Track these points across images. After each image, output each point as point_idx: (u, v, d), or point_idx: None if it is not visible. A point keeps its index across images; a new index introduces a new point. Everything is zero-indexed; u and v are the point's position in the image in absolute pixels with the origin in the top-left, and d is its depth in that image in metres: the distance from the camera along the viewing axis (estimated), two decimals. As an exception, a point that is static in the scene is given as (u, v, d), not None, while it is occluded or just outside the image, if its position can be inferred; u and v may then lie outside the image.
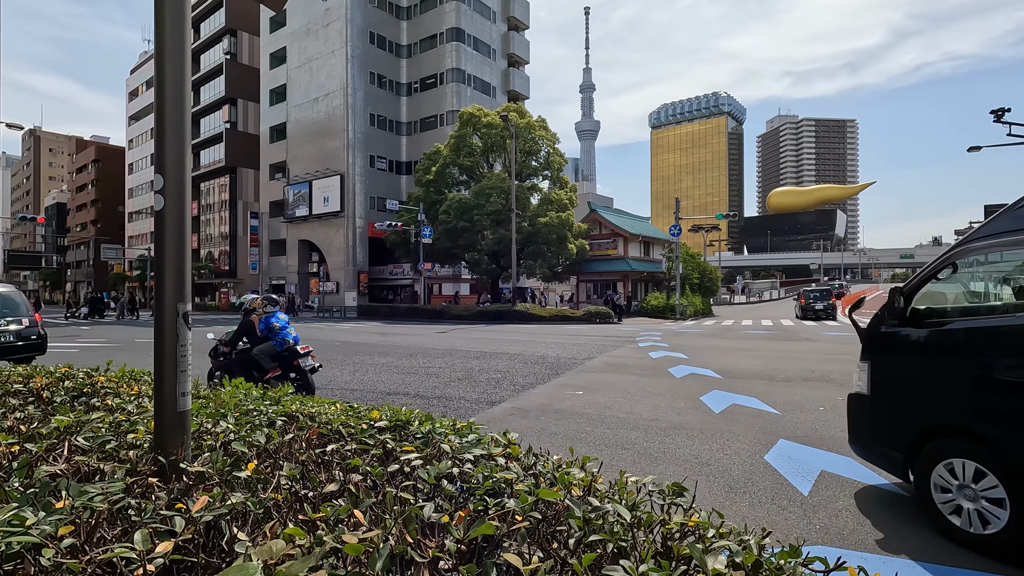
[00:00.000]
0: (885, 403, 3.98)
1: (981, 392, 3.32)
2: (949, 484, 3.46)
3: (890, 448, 3.90)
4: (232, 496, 1.27)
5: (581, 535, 1.14)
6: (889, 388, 3.98)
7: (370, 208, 44.94)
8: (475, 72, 46.95)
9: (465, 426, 2.26)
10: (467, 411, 7.08)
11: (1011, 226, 3.48)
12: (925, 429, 3.65)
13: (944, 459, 3.51)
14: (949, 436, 3.52)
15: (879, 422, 4.04)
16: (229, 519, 1.20)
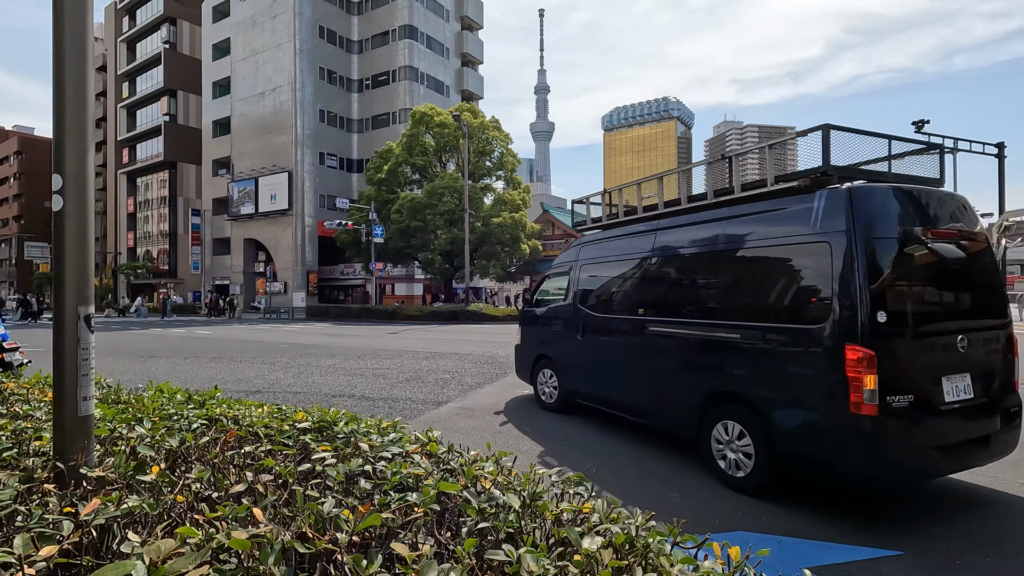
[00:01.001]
0: (523, 347, 7.94)
1: (549, 337, 7.29)
2: (545, 381, 7.32)
3: (526, 370, 7.76)
4: (130, 500, 1.27)
5: (473, 523, 1.21)
6: (524, 339, 7.97)
7: (320, 206, 43.89)
8: (428, 70, 46.60)
9: (390, 425, 2.29)
10: (413, 412, 7.07)
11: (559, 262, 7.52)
12: (536, 356, 7.55)
13: (541, 369, 7.41)
14: (544, 358, 7.39)
15: (523, 357, 7.93)
16: (123, 522, 1.19)
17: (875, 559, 3.10)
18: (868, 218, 3.84)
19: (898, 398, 3.59)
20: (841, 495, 4.05)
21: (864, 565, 3.04)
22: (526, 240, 35.04)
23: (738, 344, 4.44)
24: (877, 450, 3.54)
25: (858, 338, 3.61)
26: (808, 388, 3.92)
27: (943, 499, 4.00)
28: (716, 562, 1.11)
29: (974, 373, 3.92)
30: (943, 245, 3.88)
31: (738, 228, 4.78)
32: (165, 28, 54.14)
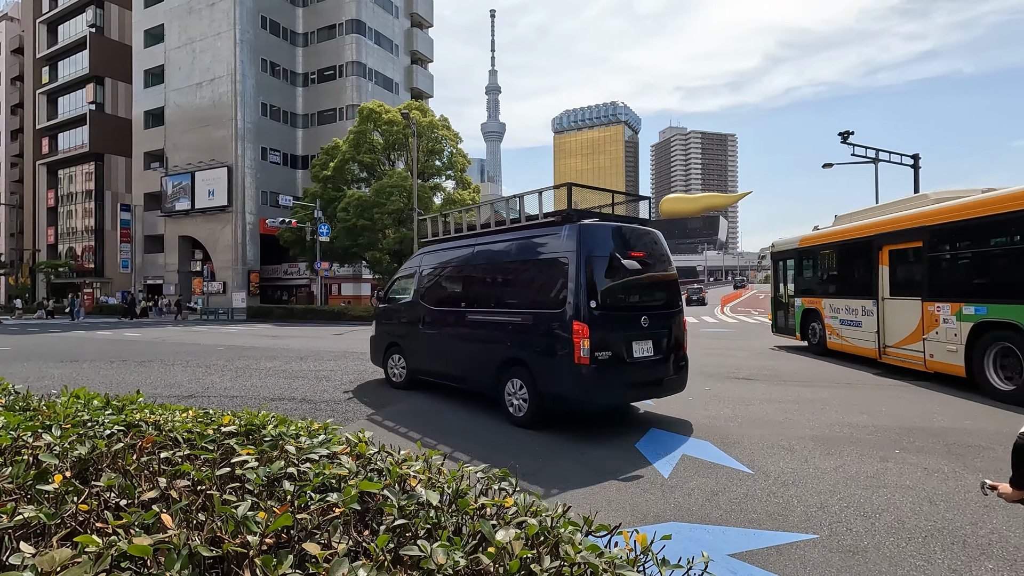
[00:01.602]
0: (377, 337, 9.25)
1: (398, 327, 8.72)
2: (395, 364, 8.77)
3: (379, 356, 9.14)
4: (25, 510, 1.20)
5: (391, 521, 1.22)
6: (377, 331, 9.26)
7: (262, 203, 42.29)
8: (376, 67, 45.77)
9: (320, 428, 2.26)
10: (356, 413, 6.94)
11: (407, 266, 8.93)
12: (387, 344, 8.94)
13: (392, 355, 8.85)
14: (394, 345, 8.77)
15: (377, 346, 9.25)
16: (16, 534, 1.13)
17: (793, 543, 3.30)
18: (589, 243, 6.00)
19: (602, 354, 5.76)
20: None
21: (783, 548, 3.23)
22: (476, 240, 34.97)
23: (519, 324, 6.49)
24: (590, 387, 5.72)
25: (581, 317, 5.75)
26: (554, 350, 5.94)
27: (852, 485, 4.30)
28: (624, 548, 1.17)
29: (654, 340, 6.24)
30: (631, 261, 6.16)
31: (521, 245, 6.84)
32: (91, 11, 50.77)
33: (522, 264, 6.75)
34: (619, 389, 6.03)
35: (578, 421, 6.41)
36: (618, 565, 1.04)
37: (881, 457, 4.97)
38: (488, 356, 6.80)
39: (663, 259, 6.74)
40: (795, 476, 4.51)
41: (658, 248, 6.73)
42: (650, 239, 6.67)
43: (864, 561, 3.07)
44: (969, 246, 8.49)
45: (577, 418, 6.48)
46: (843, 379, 9.32)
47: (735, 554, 3.16)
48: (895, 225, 10.02)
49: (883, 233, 10.30)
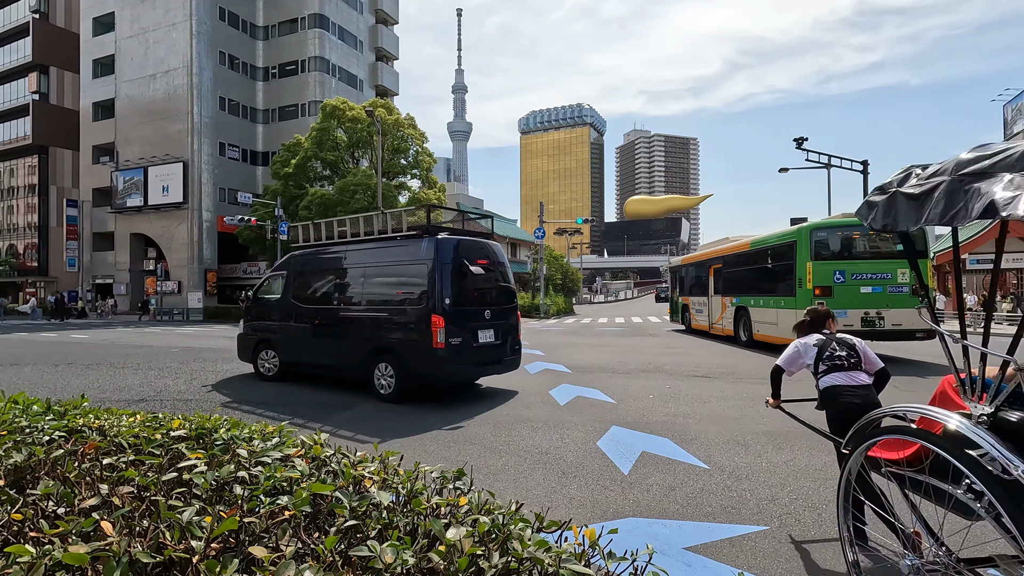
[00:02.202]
0: (246, 334, 9.85)
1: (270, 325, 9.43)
2: (267, 359, 9.46)
3: (249, 353, 9.80)
4: (-48, 521, 1.15)
5: (343, 522, 1.22)
6: (247, 328, 9.87)
7: (220, 200, 40.99)
8: (340, 63, 44.98)
9: (275, 430, 2.22)
10: (316, 416, 6.82)
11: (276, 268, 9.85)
12: (258, 341, 9.57)
13: (263, 350, 9.53)
14: (265, 342, 9.45)
15: (246, 343, 9.84)
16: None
17: (745, 535, 3.42)
18: (444, 253, 7.53)
19: (454, 340, 7.33)
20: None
21: (735, 540, 3.34)
22: (442, 240, 34.80)
23: (387, 318, 7.91)
24: (446, 366, 7.32)
25: (438, 312, 7.29)
26: (417, 338, 7.39)
27: (801, 478, 4.48)
28: (573, 544, 1.20)
29: (495, 329, 8.05)
30: (477, 267, 7.79)
31: (388, 253, 8.22)
32: (34, -5, 48.17)
33: (389, 269, 8.19)
34: (468, 367, 7.84)
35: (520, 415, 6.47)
36: (564, 559, 1.07)
37: (829, 451, 5.18)
38: (360, 346, 8.06)
39: (502, 266, 8.59)
40: (748, 470, 4.66)
41: (498, 257, 8.51)
42: (491, 250, 8.43)
43: (812, 551, 3.20)
44: (732, 268, 15.84)
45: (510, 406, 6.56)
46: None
47: (690, 547, 3.25)
48: (713, 255, 17.60)
49: (709, 259, 17.88)
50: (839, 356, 3.58)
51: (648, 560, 1.14)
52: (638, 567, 1.14)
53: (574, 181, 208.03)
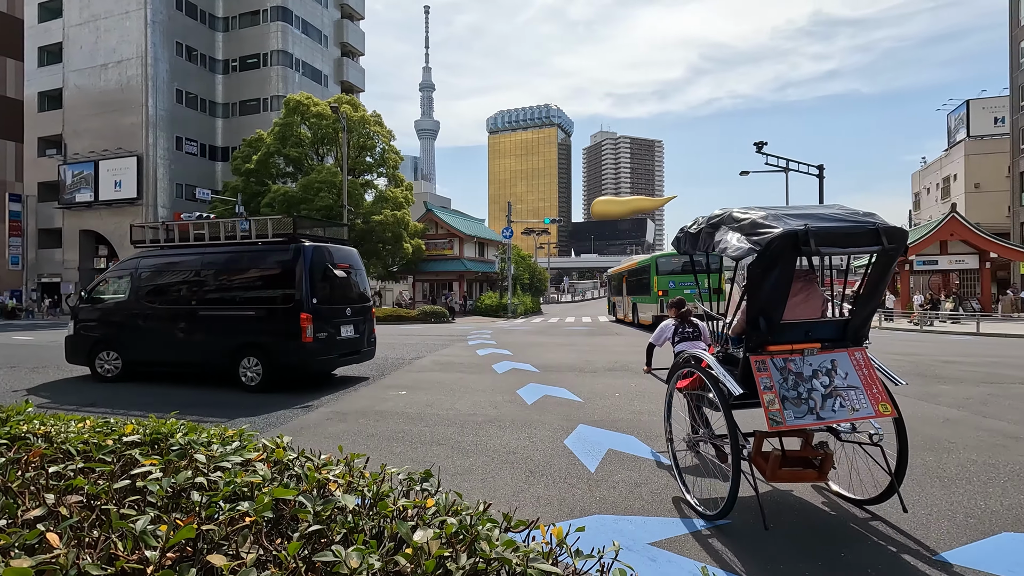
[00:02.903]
0: (78, 336, 9.73)
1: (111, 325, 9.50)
2: (107, 360, 9.46)
3: (83, 355, 9.56)
4: None
5: (306, 527, 1.19)
6: (79, 330, 9.74)
7: (176, 196, 39.60)
8: (304, 57, 44.02)
9: (235, 434, 2.16)
10: (279, 419, 6.66)
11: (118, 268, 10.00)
12: (94, 342, 9.51)
13: (101, 351, 9.41)
14: (103, 342, 9.44)
15: (79, 344, 9.67)
16: None
17: (707, 528, 3.50)
18: (310, 258, 8.47)
19: (320, 335, 8.42)
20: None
21: (698, 534, 3.42)
22: (409, 239, 34.49)
23: (255, 316, 8.61)
24: (313, 358, 8.42)
25: (306, 310, 8.24)
26: (287, 333, 8.26)
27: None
28: (541, 542, 1.20)
29: (354, 324, 9.22)
30: (339, 271, 8.97)
31: (255, 257, 8.89)
32: (-27, -23, 45.47)
33: (256, 271, 8.87)
34: (334, 358, 8.91)
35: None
36: (532, 558, 1.07)
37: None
38: (224, 342, 8.68)
39: (360, 270, 9.78)
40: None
41: (357, 262, 9.69)
42: (352, 255, 9.61)
43: (769, 541, 3.30)
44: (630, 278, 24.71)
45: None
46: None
47: (654, 542, 3.31)
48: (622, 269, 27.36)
49: (621, 271, 27.45)
50: (687, 332, 5.29)
51: (615, 557, 1.15)
52: (604, 564, 1.15)
53: (542, 181, 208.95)
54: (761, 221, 3.54)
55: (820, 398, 3.49)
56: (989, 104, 44.46)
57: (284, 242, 8.75)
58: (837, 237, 3.44)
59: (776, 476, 3.76)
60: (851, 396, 3.52)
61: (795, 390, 3.50)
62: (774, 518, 3.65)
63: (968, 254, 30.02)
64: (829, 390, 3.52)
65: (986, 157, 41.25)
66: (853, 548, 3.21)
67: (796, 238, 3.33)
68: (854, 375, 3.60)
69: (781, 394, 3.45)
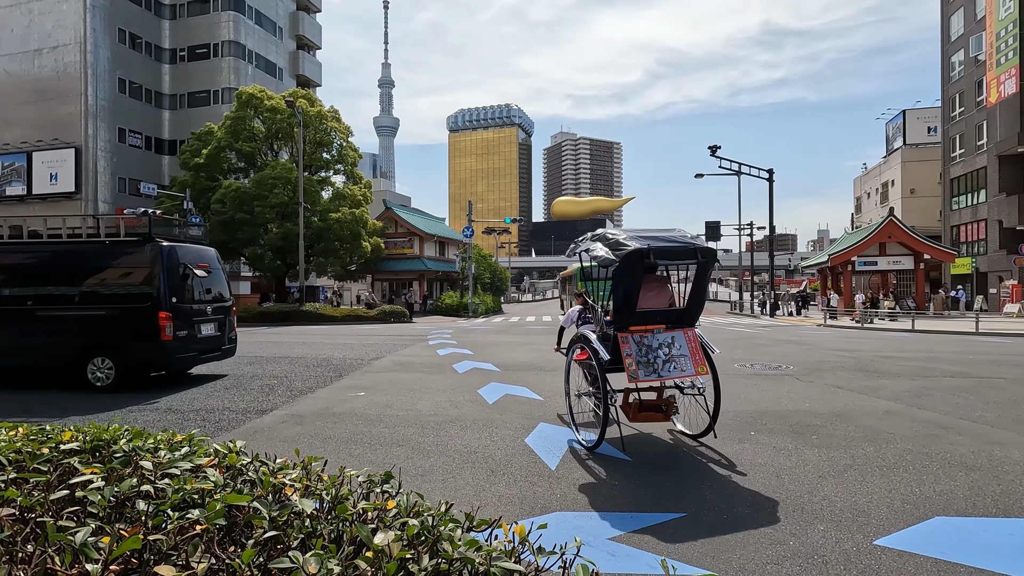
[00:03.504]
0: None
1: None
2: None
3: None
4: None
5: (261, 533, 1.15)
6: None
7: (119, 191, 37.69)
8: (258, 49, 42.62)
9: (184, 439, 2.07)
10: (231, 422, 6.42)
11: None
12: None
13: None
14: None
15: None
16: None
17: (665, 522, 3.58)
18: (169, 258, 8.47)
19: (180, 333, 8.45)
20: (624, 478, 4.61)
21: (657, 528, 3.49)
22: (367, 237, 33.90)
23: (107, 316, 8.48)
24: (173, 356, 8.47)
25: (165, 308, 8.24)
26: (145, 332, 8.24)
27: (715, 467, 4.76)
28: (504, 541, 1.20)
29: (215, 323, 9.39)
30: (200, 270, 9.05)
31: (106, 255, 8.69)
32: None
33: (109, 270, 8.70)
34: (194, 356, 8.94)
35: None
36: (495, 557, 1.07)
37: (739, 439, 5.55)
38: (69, 342, 8.48)
39: (220, 270, 9.81)
40: (668, 462, 4.89)
41: (215, 263, 9.70)
42: (211, 255, 9.64)
43: (723, 533, 3.41)
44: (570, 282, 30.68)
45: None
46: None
47: (614, 537, 3.36)
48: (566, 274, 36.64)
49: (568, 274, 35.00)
50: (587, 316, 6.29)
51: (576, 552, 1.16)
52: (567, 560, 1.16)
53: (502, 181, 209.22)
54: (622, 240, 5.09)
55: (662, 363, 4.96)
56: (923, 114, 47.24)
57: (139, 241, 8.63)
58: (669, 253, 5.03)
59: (635, 419, 5.34)
60: (682, 361, 5.01)
61: (646, 357, 4.95)
62: (729, 511, 3.77)
63: (904, 255, 31.83)
64: (668, 357, 5.00)
65: (921, 164, 43.83)
66: (800, 538, 3.35)
67: (642, 253, 4.84)
68: (685, 347, 5.08)
69: (636, 360, 4.90)
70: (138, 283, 8.53)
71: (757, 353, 13.14)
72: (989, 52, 33.57)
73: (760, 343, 15.81)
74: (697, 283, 5.36)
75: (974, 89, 35.87)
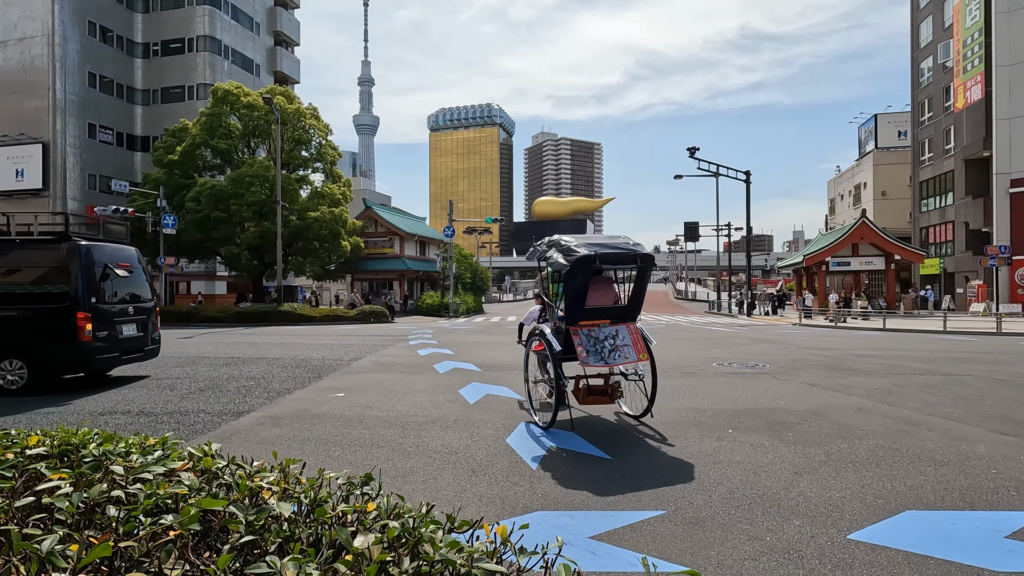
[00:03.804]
0: None
1: None
2: None
3: None
4: None
5: (238, 538, 1.13)
6: None
7: (89, 188, 36.72)
8: (234, 44, 41.88)
9: (157, 442, 2.02)
10: (206, 425, 6.30)
11: None
12: None
13: None
14: None
15: None
16: None
17: (645, 520, 3.61)
18: (85, 256, 8.22)
19: (100, 334, 8.24)
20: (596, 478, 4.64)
21: (636, 526, 3.52)
22: (347, 237, 33.56)
23: (18, 316, 8.15)
24: (93, 357, 8.22)
25: (84, 309, 8.04)
26: (61, 333, 8.01)
27: (694, 464, 4.82)
28: (485, 542, 1.20)
29: (137, 323, 9.16)
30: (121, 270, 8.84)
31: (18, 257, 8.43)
32: None
33: (19, 270, 8.46)
34: (114, 357, 8.68)
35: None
36: (477, 558, 1.06)
37: (717, 437, 5.62)
38: None
39: (141, 270, 9.65)
40: (648, 459, 4.94)
41: (138, 262, 9.59)
42: (132, 254, 9.47)
43: (702, 530, 3.45)
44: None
45: (450, 417, 6.50)
46: (687, 368, 10.39)
47: (595, 536, 3.38)
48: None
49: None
50: (544, 315, 6.87)
51: (558, 552, 1.16)
52: (548, 560, 1.16)
53: (483, 180, 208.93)
54: (573, 247, 5.75)
55: (608, 351, 5.73)
56: (894, 119, 48.50)
57: (55, 240, 8.44)
58: (613, 258, 5.77)
59: (584, 401, 6.13)
60: (625, 351, 5.78)
61: (595, 347, 5.73)
62: (707, 508, 3.82)
63: (876, 256, 32.66)
64: (613, 347, 5.77)
65: (892, 167, 45.02)
66: (777, 533, 3.41)
67: (589, 259, 5.56)
68: (628, 338, 5.86)
69: (587, 349, 5.69)
70: (55, 283, 8.23)
71: (735, 352, 13.34)
72: (956, 59, 34.61)
73: (737, 342, 16.05)
74: (637, 284, 6.18)
75: (942, 95, 36.95)
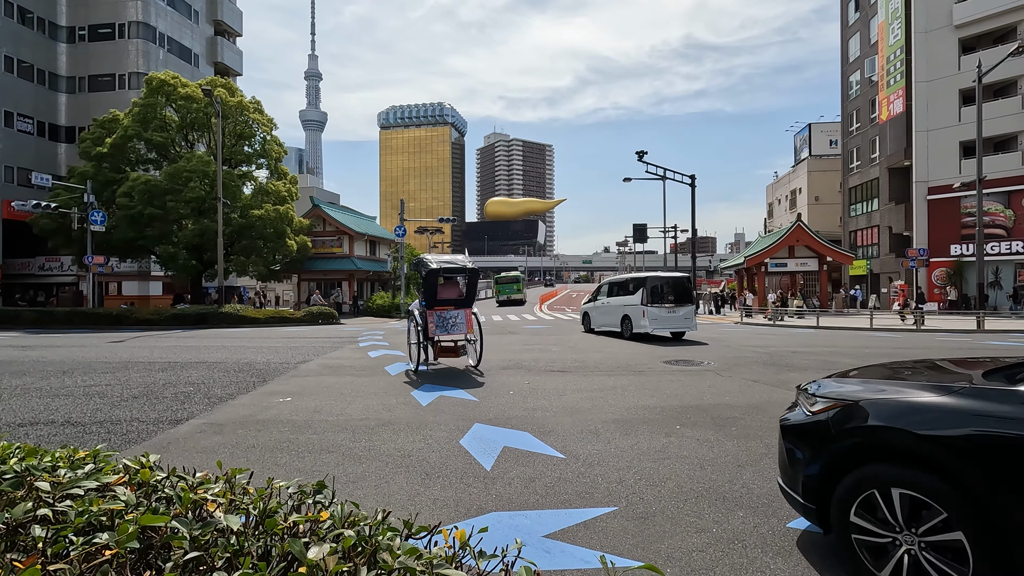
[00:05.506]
0: None
1: None
2: None
3: None
4: None
5: (182, 555, 1.07)
6: None
7: (6, 181, 34.02)
8: (170, 32, 39.78)
9: (88, 455, 1.89)
10: (140, 434, 5.95)
11: None
12: None
13: None
14: None
15: None
16: None
17: (597, 517, 3.68)
18: None
19: None
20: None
21: (589, 523, 3.58)
22: (293, 235, 32.51)
23: None
24: None
25: None
26: None
27: (644, 460, 4.94)
28: (444, 547, 1.18)
29: None
30: None
31: None
32: None
33: None
34: None
35: (403, 422, 6.32)
36: (436, 564, 1.05)
37: (666, 433, 5.79)
38: None
39: None
40: (600, 457, 5.02)
41: None
42: None
43: (652, 524, 3.54)
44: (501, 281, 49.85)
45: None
46: (637, 367, 10.66)
47: (549, 534, 3.41)
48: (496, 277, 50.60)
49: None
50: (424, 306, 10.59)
51: (517, 554, 1.16)
52: (508, 562, 1.16)
53: (435, 180, 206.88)
54: (431, 263, 10.30)
55: (449, 326, 10.32)
56: (826, 128, 51.41)
57: None
58: (451, 270, 10.51)
59: (438, 355, 10.54)
60: (461, 326, 10.40)
61: (442, 324, 10.31)
62: (656, 503, 3.92)
63: (810, 258, 34.52)
64: (453, 323, 10.36)
65: (824, 174, 47.71)
66: (722, 525, 3.54)
67: (437, 271, 10.33)
68: (463, 319, 10.44)
69: (436, 324, 10.26)
70: None
71: (680, 351, 13.78)
72: (881, 74, 37.07)
73: (683, 340, 16.59)
74: (469, 285, 10.99)
75: (868, 107, 39.46)
